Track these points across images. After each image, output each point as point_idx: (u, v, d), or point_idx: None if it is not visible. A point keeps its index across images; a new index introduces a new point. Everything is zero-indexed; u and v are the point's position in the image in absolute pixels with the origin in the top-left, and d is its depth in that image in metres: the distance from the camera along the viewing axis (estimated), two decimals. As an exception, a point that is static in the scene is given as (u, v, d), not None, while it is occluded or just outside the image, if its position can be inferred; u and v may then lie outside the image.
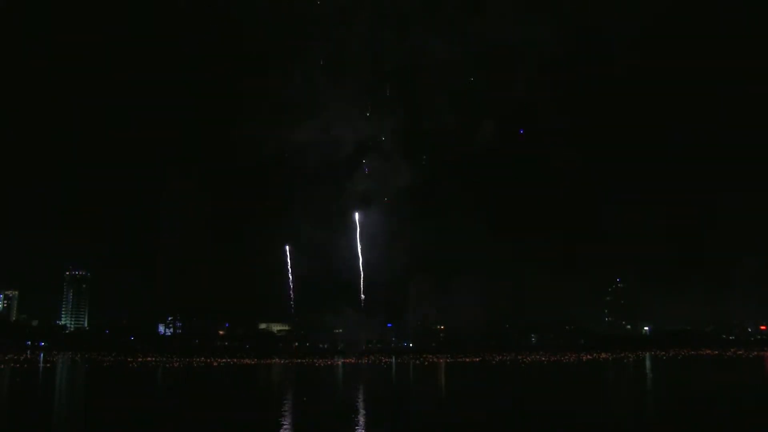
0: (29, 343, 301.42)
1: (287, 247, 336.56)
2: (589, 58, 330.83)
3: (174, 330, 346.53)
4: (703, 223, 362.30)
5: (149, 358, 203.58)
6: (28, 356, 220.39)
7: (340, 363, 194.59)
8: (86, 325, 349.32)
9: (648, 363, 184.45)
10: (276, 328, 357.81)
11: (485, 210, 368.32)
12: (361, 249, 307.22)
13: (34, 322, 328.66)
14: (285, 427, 57.79)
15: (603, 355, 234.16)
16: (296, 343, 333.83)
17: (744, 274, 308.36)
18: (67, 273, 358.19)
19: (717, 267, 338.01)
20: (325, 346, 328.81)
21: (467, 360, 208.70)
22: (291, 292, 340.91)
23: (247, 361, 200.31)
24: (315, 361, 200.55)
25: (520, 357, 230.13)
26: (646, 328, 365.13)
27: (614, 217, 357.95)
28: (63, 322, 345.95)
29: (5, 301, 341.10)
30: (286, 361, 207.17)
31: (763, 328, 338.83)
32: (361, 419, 65.27)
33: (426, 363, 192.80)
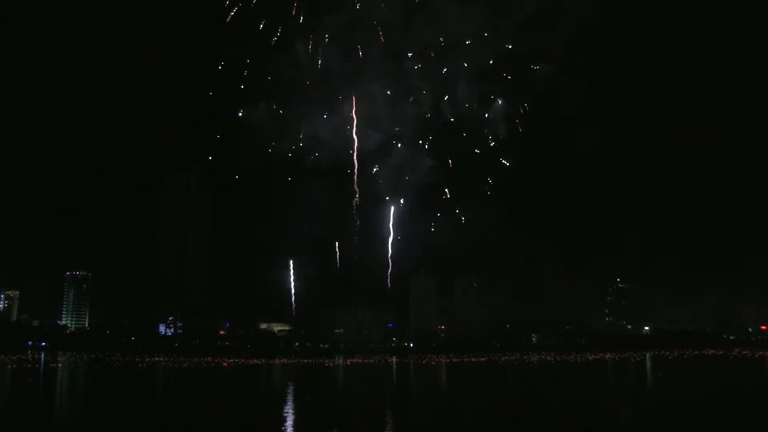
0: (30, 343, 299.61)
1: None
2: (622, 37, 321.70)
3: (174, 330, 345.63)
4: (706, 224, 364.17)
5: (157, 359, 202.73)
6: (34, 356, 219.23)
7: (342, 363, 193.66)
8: (87, 325, 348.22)
9: (649, 363, 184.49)
10: (277, 327, 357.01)
11: (489, 208, 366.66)
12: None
13: (35, 322, 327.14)
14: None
15: (607, 355, 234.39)
16: (297, 343, 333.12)
17: (745, 275, 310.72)
18: (68, 273, 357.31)
19: (718, 268, 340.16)
20: (326, 346, 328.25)
21: (473, 360, 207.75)
22: (293, 291, 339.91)
23: (254, 361, 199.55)
24: (324, 361, 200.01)
25: (525, 357, 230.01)
26: (646, 328, 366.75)
27: (617, 217, 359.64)
28: (64, 322, 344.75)
29: (6, 301, 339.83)
30: (294, 361, 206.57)
31: (763, 328, 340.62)
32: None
33: (432, 363, 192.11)
